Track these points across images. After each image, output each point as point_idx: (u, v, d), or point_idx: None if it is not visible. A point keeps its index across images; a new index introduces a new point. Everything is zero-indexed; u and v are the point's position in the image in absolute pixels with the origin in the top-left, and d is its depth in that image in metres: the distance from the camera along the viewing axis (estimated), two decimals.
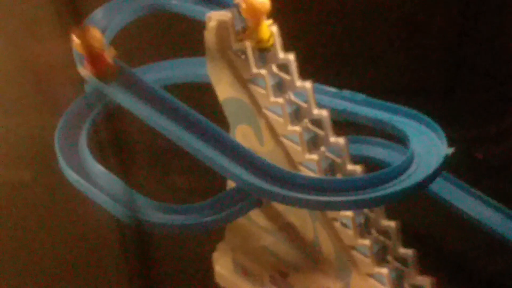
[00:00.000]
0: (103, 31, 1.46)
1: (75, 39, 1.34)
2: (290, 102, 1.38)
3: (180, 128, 1.37)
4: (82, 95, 1.54)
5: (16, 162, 1.81)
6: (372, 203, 1.32)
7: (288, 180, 1.31)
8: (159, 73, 1.57)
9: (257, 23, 1.34)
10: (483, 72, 1.85)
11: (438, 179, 1.33)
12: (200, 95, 1.51)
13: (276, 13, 1.38)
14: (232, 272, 1.54)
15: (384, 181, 1.27)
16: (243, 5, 1.33)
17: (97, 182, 1.45)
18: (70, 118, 1.53)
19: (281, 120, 1.36)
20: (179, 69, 1.58)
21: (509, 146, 1.77)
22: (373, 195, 1.27)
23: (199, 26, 1.39)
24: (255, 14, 1.33)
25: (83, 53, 1.35)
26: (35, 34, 1.87)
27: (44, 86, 1.85)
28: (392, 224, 1.37)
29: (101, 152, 1.54)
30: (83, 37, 1.32)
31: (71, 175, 1.45)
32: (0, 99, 1.85)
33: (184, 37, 1.57)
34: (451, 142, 1.32)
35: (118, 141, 1.70)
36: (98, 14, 1.48)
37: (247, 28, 1.35)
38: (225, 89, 1.41)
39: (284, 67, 1.39)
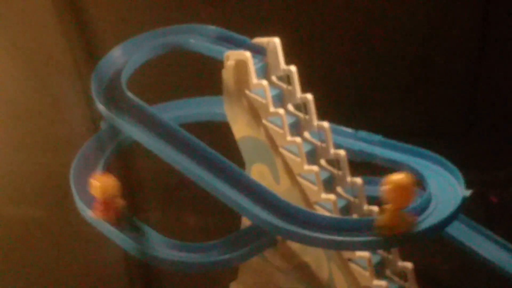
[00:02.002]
0: (121, 69, 1.48)
1: (93, 183, 1.37)
2: (307, 141, 1.38)
3: (197, 166, 1.37)
4: (95, 133, 1.56)
5: (28, 199, 1.81)
6: (387, 245, 1.31)
7: (304, 219, 1.30)
8: (175, 111, 1.57)
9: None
10: (498, 114, 1.85)
11: (455, 222, 1.32)
12: (216, 133, 1.52)
13: (294, 54, 1.40)
14: None
15: None
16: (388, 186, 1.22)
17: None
18: (85, 155, 1.53)
19: (297, 159, 1.36)
20: (195, 108, 1.58)
21: None
22: (388, 236, 1.26)
23: (217, 65, 1.40)
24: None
25: (97, 196, 1.37)
26: (50, 69, 1.88)
27: (57, 123, 1.86)
28: (408, 265, 1.37)
29: None
30: (101, 182, 1.37)
31: (86, 212, 1.45)
32: (12, 134, 1.85)
33: (201, 75, 1.58)
34: (467, 184, 1.32)
35: (131, 178, 1.70)
36: (116, 52, 1.49)
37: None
38: (241, 128, 1.41)
39: (300, 106, 1.40)
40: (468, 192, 1.30)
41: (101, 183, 1.36)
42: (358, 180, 1.38)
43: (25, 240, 1.73)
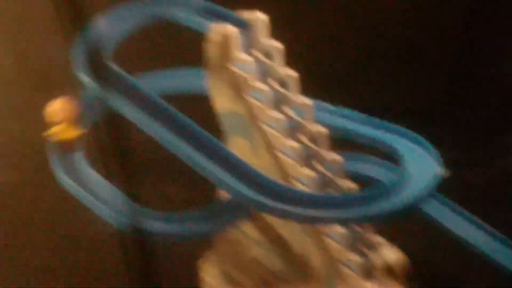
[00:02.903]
0: (105, 41, 1.48)
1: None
2: (288, 117, 1.40)
3: (177, 137, 1.39)
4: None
5: (8, 165, 1.82)
6: (362, 221, 1.34)
7: (281, 193, 1.33)
8: (158, 82, 1.58)
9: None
10: (475, 96, 1.88)
11: (430, 199, 1.35)
12: (196, 105, 1.53)
13: (279, 30, 1.41)
14: (219, 281, 1.56)
15: (376, 199, 1.30)
16: None
17: (92, 190, 1.46)
18: None
19: (278, 134, 1.38)
20: (178, 79, 1.60)
21: (497, 168, 1.80)
22: (364, 213, 1.29)
23: (199, 37, 1.41)
24: None
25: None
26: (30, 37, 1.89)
27: (37, 90, 1.86)
28: (380, 240, 1.39)
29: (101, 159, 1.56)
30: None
31: (68, 183, 1.46)
32: None
33: (183, 48, 1.59)
34: (443, 163, 1.35)
35: (114, 149, 1.71)
36: (100, 23, 1.49)
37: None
38: (223, 102, 1.43)
39: (283, 82, 1.41)
40: (443, 171, 1.33)
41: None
42: (337, 156, 1.40)
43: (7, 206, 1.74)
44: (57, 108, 1.36)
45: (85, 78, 1.45)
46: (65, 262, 1.65)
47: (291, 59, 1.42)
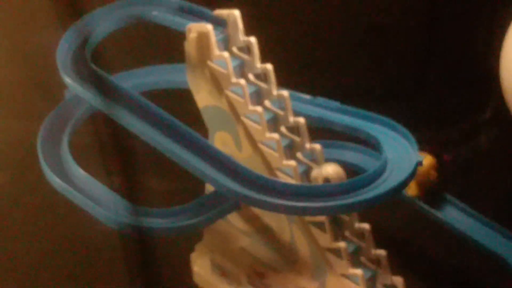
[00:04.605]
0: (86, 41, 1.51)
1: None
2: (267, 110, 1.43)
3: (160, 134, 1.41)
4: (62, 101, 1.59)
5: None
6: (347, 209, 1.37)
7: (266, 186, 1.36)
8: (138, 79, 1.61)
9: None
10: (449, 75, 1.91)
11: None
12: (178, 102, 1.56)
13: (253, 23, 1.44)
14: (210, 272, 1.59)
15: (358, 188, 1.33)
16: None
17: (79, 186, 1.49)
18: (51, 124, 1.57)
19: (259, 127, 1.41)
20: (157, 76, 1.62)
21: (474, 147, 1.84)
22: (348, 201, 1.32)
23: (180, 35, 1.44)
24: None
25: None
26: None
27: (26, 91, 1.88)
28: (365, 226, 1.43)
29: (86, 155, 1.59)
30: None
31: (56, 181, 1.49)
32: None
33: (164, 45, 1.62)
34: (420, 144, 1.38)
35: (97, 145, 1.74)
36: (81, 24, 1.51)
37: None
38: (204, 97, 1.46)
39: (260, 76, 1.44)
40: (421, 157, 1.37)
41: None
42: (317, 146, 1.43)
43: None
44: None
45: (68, 80, 1.47)
46: (61, 262, 1.67)
47: (268, 50, 1.45)
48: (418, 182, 1.47)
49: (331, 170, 1.37)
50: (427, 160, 1.51)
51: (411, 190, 1.53)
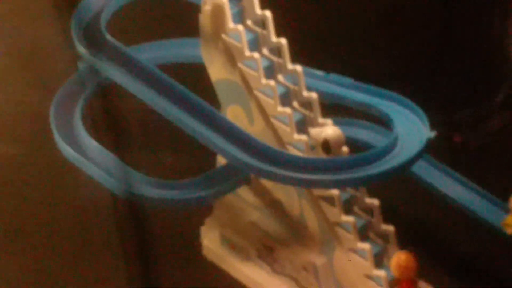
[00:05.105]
0: (100, 12, 1.52)
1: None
2: (280, 84, 1.44)
3: (174, 106, 1.43)
4: (75, 72, 1.61)
5: (8, 137, 1.85)
6: (357, 183, 1.38)
7: (277, 158, 1.37)
8: (152, 52, 1.62)
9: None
10: (463, 58, 1.91)
11: (420, 161, 1.40)
12: (192, 75, 1.57)
13: (268, 1, 1.45)
14: (219, 246, 1.60)
15: (369, 162, 1.34)
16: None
17: (92, 157, 1.51)
18: (65, 95, 1.59)
19: (271, 101, 1.42)
20: (172, 49, 1.63)
21: (485, 129, 1.85)
22: (358, 175, 1.33)
23: (194, 8, 1.45)
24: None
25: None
26: (29, 11, 1.91)
27: (37, 63, 1.89)
28: (374, 202, 1.44)
29: (94, 128, 1.60)
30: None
31: (67, 150, 1.51)
32: None
33: (179, 18, 1.62)
34: (432, 125, 1.39)
35: (111, 117, 1.75)
36: None
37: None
38: (217, 71, 1.47)
39: (274, 50, 1.45)
40: (432, 133, 1.37)
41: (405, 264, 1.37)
42: (329, 121, 1.44)
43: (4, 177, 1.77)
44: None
45: (81, 49, 1.49)
46: (62, 231, 1.68)
47: (283, 25, 1.45)
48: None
49: (330, 131, 1.38)
50: None
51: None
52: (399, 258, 1.36)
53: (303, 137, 1.41)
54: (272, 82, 1.41)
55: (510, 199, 1.42)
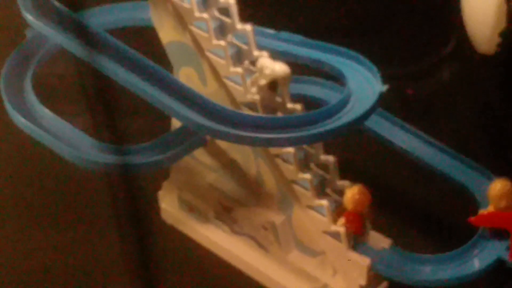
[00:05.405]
0: None
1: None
2: (231, 44, 1.43)
3: (125, 70, 1.41)
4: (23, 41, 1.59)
5: None
6: (312, 139, 1.39)
7: (232, 119, 1.37)
8: (102, 17, 1.60)
9: None
10: (412, 10, 1.92)
11: (373, 115, 1.41)
12: (143, 38, 1.56)
13: None
14: (177, 209, 1.61)
15: (323, 119, 1.35)
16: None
17: (44, 125, 1.49)
18: (13, 64, 1.57)
19: (223, 62, 1.42)
20: (122, 13, 1.62)
21: (437, 81, 1.86)
22: (313, 131, 1.34)
23: None
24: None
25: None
26: None
27: None
28: (330, 158, 1.45)
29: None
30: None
31: (19, 120, 1.49)
32: None
33: None
34: (384, 79, 1.40)
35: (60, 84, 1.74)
36: None
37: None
38: (168, 33, 1.46)
39: (225, 10, 1.44)
40: (384, 87, 1.38)
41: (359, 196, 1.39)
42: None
43: None
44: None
45: (30, 17, 1.47)
46: (49, 202, 1.68)
47: None
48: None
49: (278, 67, 1.37)
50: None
51: None
52: (354, 191, 1.37)
53: (256, 97, 1.40)
54: (223, 43, 1.41)
55: (490, 187, 1.41)
